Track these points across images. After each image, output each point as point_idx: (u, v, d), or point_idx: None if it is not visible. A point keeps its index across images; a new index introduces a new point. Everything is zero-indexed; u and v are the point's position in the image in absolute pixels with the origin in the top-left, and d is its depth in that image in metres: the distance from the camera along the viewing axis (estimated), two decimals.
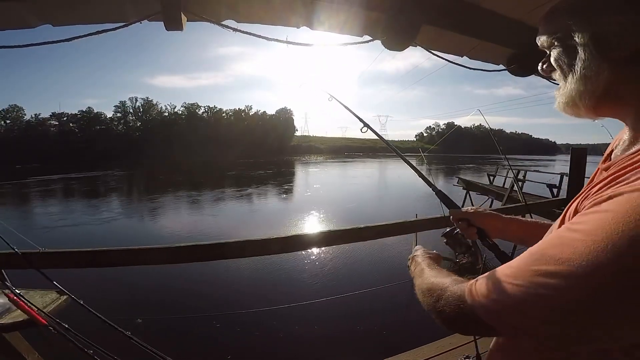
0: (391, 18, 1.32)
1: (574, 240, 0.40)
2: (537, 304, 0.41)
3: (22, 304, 1.34)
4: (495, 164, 21.33)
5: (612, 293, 0.36)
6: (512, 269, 0.47)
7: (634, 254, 0.34)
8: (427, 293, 0.64)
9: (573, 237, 0.41)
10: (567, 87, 0.55)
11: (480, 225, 0.92)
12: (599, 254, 0.36)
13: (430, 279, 0.68)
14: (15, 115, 79.80)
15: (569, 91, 0.55)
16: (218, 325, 5.02)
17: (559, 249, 0.41)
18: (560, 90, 0.57)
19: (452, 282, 0.60)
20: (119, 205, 18.01)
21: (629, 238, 0.35)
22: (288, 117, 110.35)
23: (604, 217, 0.39)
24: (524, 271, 0.44)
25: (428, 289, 0.65)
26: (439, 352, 2.04)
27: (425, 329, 2.22)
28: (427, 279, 0.70)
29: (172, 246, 1.75)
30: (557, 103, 0.59)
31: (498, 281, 0.47)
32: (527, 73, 1.78)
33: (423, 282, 0.70)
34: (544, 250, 0.44)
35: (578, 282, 0.37)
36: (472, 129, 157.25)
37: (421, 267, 0.80)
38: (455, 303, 0.55)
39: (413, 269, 0.84)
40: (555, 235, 0.45)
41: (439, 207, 2.19)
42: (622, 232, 0.36)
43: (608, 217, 0.38)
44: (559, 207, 3.21)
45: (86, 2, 1.13)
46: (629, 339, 0.41)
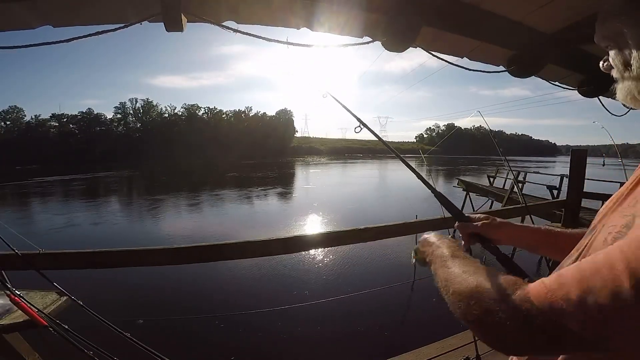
0: (391, 19, 1.32)
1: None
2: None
3: (22, 305, 1.34)
4: (495, 166, 21.32)
5: None
6: (609, 258, 0.40)
7: None
8: (472, 299, 0.49)
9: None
10: (626, 82, 0.58)
11: (491, 236, 0.88)
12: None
13: (470, 276, 0.54)
14: (15, 116, 79.97)
15: (628, 87, 0.58)
16: (219, 326, 5.02)
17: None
18: (619, 85, 0.60)
19: (507, 285, 0.48)
20: (119, 207, 18.01)
21: None
22: (288, 118, 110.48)
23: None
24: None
25: (471, 292, 0.50)
26: (439, 352, 2.03)
27: (425, 329, 2.21)
28: (462, 273, 0.56)
29: (172, 247, 1.75)
30: (618, 96, 0.61)
31: (602, 274, 0.39)
32: (527, 74, 1.78)
33: (456, 279, 0.56)
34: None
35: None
36: (472, 130, 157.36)
37: (442, 252, 0.67)
38: (524, 316, 0.43)
39: (428, 252, 0.71)
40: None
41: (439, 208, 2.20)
42: None
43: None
44: (559, 208, 3.21)
45: (86, 3, 1.13)
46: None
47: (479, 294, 0.49)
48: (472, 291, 0.50)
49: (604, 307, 0.38)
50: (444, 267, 0.61)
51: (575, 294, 0.40)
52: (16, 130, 76.79)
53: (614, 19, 0.57)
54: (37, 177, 34.53)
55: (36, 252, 1.54)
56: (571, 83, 2.10)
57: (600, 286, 0.38)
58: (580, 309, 0.39)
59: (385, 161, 64.31)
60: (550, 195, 10.79)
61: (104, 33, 1.14)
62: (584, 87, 2.04)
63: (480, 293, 0.49)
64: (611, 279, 0.38)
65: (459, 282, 0.54)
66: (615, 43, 0.58)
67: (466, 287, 0.52)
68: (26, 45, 1.09)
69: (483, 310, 0.47)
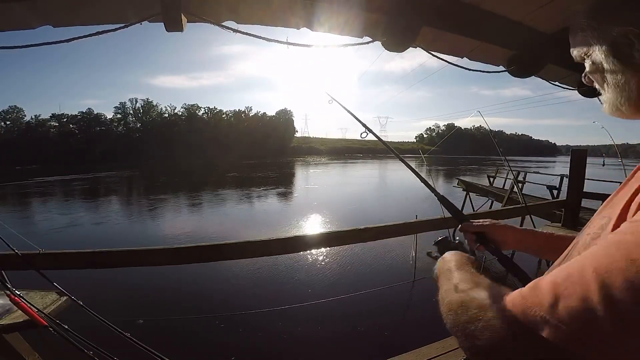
0: (391, 19, 1.33)
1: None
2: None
3: (22, 305, 1.34)
4: (495, 166, 21.34)
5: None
6: (581, 265, 0.39)
7: None
8: (458, 309, 0.50)
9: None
10: (606, 95, 0.57)
11: (496, 237, 0.88)
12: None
13: (461, 290, 0.54)
14: (15, 116, 79.99)
15: (609, 99, 0.57)
16: (219, 326, 5.02)
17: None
18: (603, 98, 0.59)
19: (492, 296, 0.47)
20: (119, 207, 18.00)
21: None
22: (288, 118, 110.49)
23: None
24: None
25: (459, 302, 0.50)
26: (439, 352, 2.03)
27: (425, 329, 2.21)
28: (456, 286, 0.56)
29: (172, 247, 1.75)
30: (604, 108, 0.60)
31: (574, 283, 0.38)
32: (527, 74, 1.78)
33: (448, 291, 0.56)
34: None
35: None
36: (472, 130, 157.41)
37: (449, 265, 0.66)
38: (500, 326, 0.42)
39: (440, 268, 0.71)
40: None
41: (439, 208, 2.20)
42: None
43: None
44: (559, 208, 3.21)
45: (86, 3, 1.13)
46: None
47: (466, 305, 0.49)
48: (461, 302, 0.50)
49: (573, 314, 0.36)
50: (446, 280, 0.62)
51: (546, 301, 0.39)
52: (16, 130, 76.80)
53: (582, 33, 0.57)
54: (37, 177, 34.53)
55: (36, 252, 1.54)
56: (571, 83, 2.10)
57: (569, 293, 0.38)
58: (551, 315, 0.38)
59: (385, 161, 64.32)
60: (550, 195, 10.79)
61: (104, 33, 1.15)
62: (584, 87, 2.04)
63: (467, 303, 0.49)
64: (580, 286, 0.37)
65: (451, 294, 0.55)
66: (588, 57, 0.58)
67: (457, 298, 0.52)
68: (26, 45, 1.10)
69: (466, 320, 0.47)
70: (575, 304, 0.36)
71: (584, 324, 0.36)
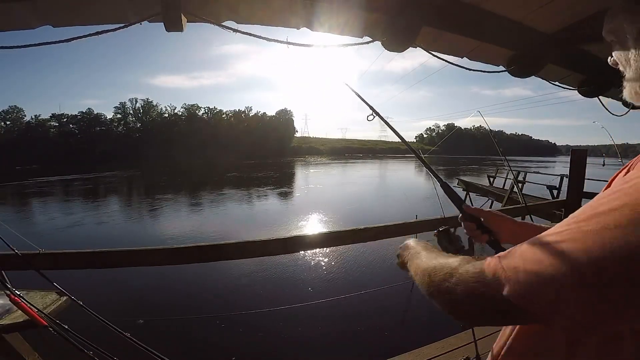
0: (391, 19, 1.32)
1: (620, 192, 0.39)
2: (597, 255, 0.35)
3: (22, 305, 1.34)
4: (495, 165, 21.33)
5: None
6: (549, 235, 0.41)
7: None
8: (432, 272, 0.54)
9: (620, 189, 0.39)
10: (628, 78, 0.59)
11: (492, 227, 0.88)
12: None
13: (433, 259, 0.59)
14: (15, 116, 79.99)
15: (630, 83, 0.59)
16: (219, 326, 5.02)
17: (607, 199, 0.39)
18: (625, 82, 0.60)
19: (462, 260, 0.51)
20: (119, 207, 18.01)
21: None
22: (288, 119, 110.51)
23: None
24: (570, 228, 0.39)
25: (433, 267, 0.55)
26: (439, 352, 2.04)
27: (426, 329, 2.21)
28: (429, 259, 0.60)
29: (172, 247, 1.75)
30: (624, 93, 0.62)
31: (533, 248, 0.41)
32: (527, 74, 1.78)
33: (423, 263, 0.61)
34: (586, 208, 0.41)
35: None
36: (473, 130, 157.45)
37: (416, 250, 0.70)
38: (471, 281, 0.45)
39: (405, 255, 0.74)
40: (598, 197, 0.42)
41: (439, 209, 2.20)
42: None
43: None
44: (559, 208, 3.21)
45: (86, 3, 1.13)
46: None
47: (440, 267, 0.53)
48: (435, 265, 0.55)
49: (531, 274, 0.39)
50: (416, 258, 0.65)
51: (514, 263, 0.42)
52: (16, 130, 76.79)
53: (617, 15, 0.58)
54: (37, 177, 34.54)
55: (36, 252, 1.54)
56: (571, 83, 2.10)
57: (530, 256, 0.40)
58: (513, 276, 0.40)
59: (386, 161, 64.33)
60: (550, 195, 10.80)
61: (104, 33, 1.14)
62: (584, 87, 2.04)
63: (441, 266, 0.53)
64: (540, 250, 0.39)
65: (426, 262, 0.60)
66: (617, 39, 0.59)
67: (431, 264, 0.57)
68: (26, 45, 1.09)
69: (441, 279, 0.51)
70: (531, 267, 0.39)
71: (535, 286, 0.38)
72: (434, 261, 0.57)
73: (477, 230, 0.88)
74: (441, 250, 0.70)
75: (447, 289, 0.49)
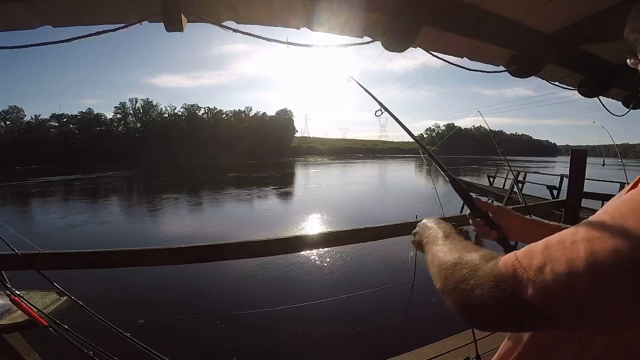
0: (391, 19, 1.32)
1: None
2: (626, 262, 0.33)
3: (22, 305, 1.34)
4: (495, 166, 21.33)
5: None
6: (577, 233, 0.39)
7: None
8: (450, 269, 0.51)
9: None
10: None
11: (501, 222, 0.86)
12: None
13: (453, 251, 0.55)
14: (15, 116, 79.88)
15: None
16: (220, 326, 5.02)
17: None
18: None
19: (482, 257, 0.48)
20: (119, 207, 18.01)
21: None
22: (288, 119, 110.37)
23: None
24: (604, 223, 0.38)
25: (452, 264, 0.51)
26: (439, 352, 2.03)
27: (425, 329, 2.21)
28: (448, 250, 0.56)
29: (172, 247, 1.75)
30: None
31: (559, 247, 0.39)
32: (527, 74, 1.78)
33: (441, 254, 0.57)
34: (614, 210, 0.39)
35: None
36: (473, 130, 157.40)
37: (435, 233, 0.66)
38: (488, 284, 0.43)
39: (423, 235, 0.70)
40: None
41: (439, 208, 2.19)
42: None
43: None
44: (559, 208, 3.21)
45: (86, 4, 1.13)
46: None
47: (460, 265, 0.50)
48: (455, 262, 0.51)
49: (557, 278, 0.37)
50: (435, 245, 0.62)
51: (535, 263, 0.39)
52: (16, 130, 76.67)
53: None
54: (37, 177, 34.54)
55: (36, 252, 1.54)
56: (571, 83, 2.10)
57: (558, 256, 0.38)
58: (537, 277, 0.38)
59: (386, 161, 64.29)
60: (550, 195, 10.80)
61: (104, 33, 1.15)
62: (584, 87, 2.04)
63: (461, 264, 0.50)
64: (569, 251, 0.38)
65: (444, 254, 0.56)
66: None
67: (450, 259, 0.53)
68: (26, 45, 1.09)
69: (458, 280, 0.48)
70: (561, 268, 0.37)
71: (564, 289, 0.36)
72: (452, 256, 0.53)
73: (486, 227, 0.86)
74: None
75: (464, 291, 0.46)
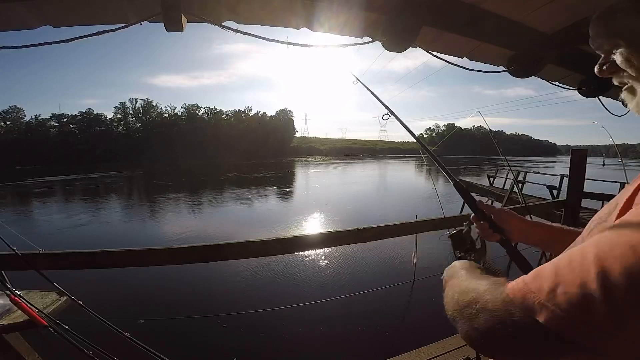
0: (391, 19, 1.33)
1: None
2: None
3: (22, 305, 1.34)
4: (495, 165, 21.35)
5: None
6: (587, 251, 0.38)
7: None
8: (459, 294, 0.51)
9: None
10: (635, 84, 0.55)
11: (503, 224, 0.86)
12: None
13: (466, 280, 0.56)
14: (15, 116, 79.79)
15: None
16: (220, 326, 5.02)
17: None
18: (634, 82, 0.56)
19: (491, 284, 0.48)
20: (120, 207, 17.99)
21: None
22: (288, 119, 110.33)
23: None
24: (612, 241, 0.36)
25: (462, 290, 0.52)
26: (439, 352, 2.03)
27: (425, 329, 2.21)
28: (463, 279, 0.57)
29: (172, 247, 1.75)
30: (632, 105, 0.57)
31: (569, 267, 0.38)
32: (527, 74, 1.78)
33: (456, 283, 0.58)
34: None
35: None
36: (473, 130, 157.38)
37: (456, 269, 0.67)
38: (495, 309, 0.42)
39: (447, 273, 0.70)
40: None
41: (439, 209, 2.19)
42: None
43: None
44: (559, 208, 3.21)
45: (86, 4, 1.13)
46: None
47: (468, 290, 0.50)
48: (465, 288, 0.51)
49: (570, 300, 0.36)
50: (454, 278, 0.62)
51: (546, 286, 0.38)
52: (16, 130, 76.63)
53: (629, 16, 0.53)
54: (37, 177, 34.54)
55: (36, 252, 1.54)
56: (571, 83, 2.10)
57: (569, 279, 0.37)
58: (549, 300, 0.37)
59: (386, 161, 64.28)
60: (550, 195, 10.80)
61: (104, 33, 1.15)
62: (584, 87, 2.04)
63: (469, 289, 0.50)
64: (580, 272, 0.36)
65: (458, 285, 0.55)
66: (627, 40, 0.54)
67: (462, 285, 0.53)
68: (26, 45, 1.10)
69: (465, 304, 0.48)
70: (574, 290, 0.36)
71: (580, 311, 0.35)
72: (465, 282, 0.54)
73: (489, 229, 0.86)
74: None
75: (469, 316, 0.45)
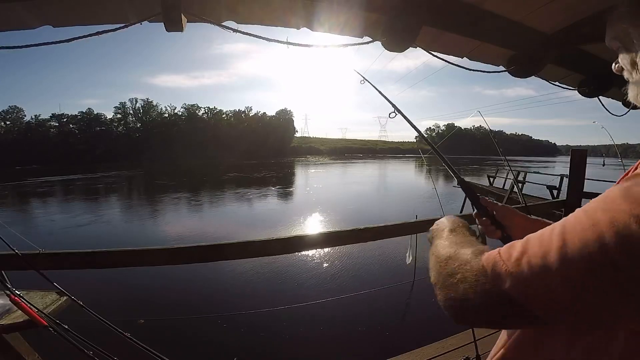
0: (391, 19, 1.32)
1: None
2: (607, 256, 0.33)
3: (22, 305, 1.34)
4: (495, 165, 21.34)
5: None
6: (555, 227, 0.40)
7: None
8: (443, 262, 0.52)
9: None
10: (633, 82, 0.58)
11: (505, 221, 0.87)
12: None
13: (450, 246, 0.56)
14: (15, 116, 79.78)
15: (636, 87, 0.58)
16: (221, 326, 5.02)
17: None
18: (630, 85, 0.60)
19: (474, 251, 0.49)
20: (120, 207, 18.00)
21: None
22: (288, 119, 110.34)
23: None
24: (579, 220, 0.38)
25: (446, 257, 0.52)
26: (439, 352, 2.03)
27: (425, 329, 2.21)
28: (448, 244, 0.58)
29: (172, 247, 1.75)
30: (629, 96, 0.61)
31: (537, 240, 0.40)
32: (527, 74, 1.78)
33: (439, 247, 0.58)
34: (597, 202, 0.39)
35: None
36: (473, 130, 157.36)
37: (441, 227, 0.69)
38: (472, 278, 0.44)
39: (434, 229, 0.72)
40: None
41: (439, 209, 2.19)
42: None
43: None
44: (559, 208, 3.21)
45: (86, 4, 1.13)
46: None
47: (452, 258, 0.51)
48: (449, 255, 0.52)
49: (532, 270, 0.38)
50: (439, 239, 0.64)
51: (514, 256, 0.40)
52: (16, 130, 76.60)
53: (622, 20, 0.57)
54: (37, 177, 34.54)
55: (36, 252, 1.54)
56: (571, 83, 2.10)
57: (534, 250, 0.39)
58: (514, 269, 0.39)
59: (386, 161, 64.24)
60: (550, 195, 10.81)
61: (104, 33, 1.15)
62: (584, 87, 2.04)
63: (452, 257, 0.51)
64: (546, 244, 0.38)
65: (442, 248, 0.57)
66: (623, 44, 0.58)
67: (445, 252, 0.54)
68: (26, 45, 1.09)
69: (448, 273, 0.49)
70: (536, 260, 0.38)
71: (538, 279, 0.37)
72: (449, 249, 0.54)
73: (491, 226, 0.87)
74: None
75: (451, 285, 0.47)
